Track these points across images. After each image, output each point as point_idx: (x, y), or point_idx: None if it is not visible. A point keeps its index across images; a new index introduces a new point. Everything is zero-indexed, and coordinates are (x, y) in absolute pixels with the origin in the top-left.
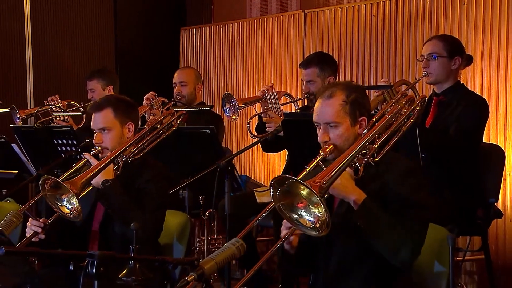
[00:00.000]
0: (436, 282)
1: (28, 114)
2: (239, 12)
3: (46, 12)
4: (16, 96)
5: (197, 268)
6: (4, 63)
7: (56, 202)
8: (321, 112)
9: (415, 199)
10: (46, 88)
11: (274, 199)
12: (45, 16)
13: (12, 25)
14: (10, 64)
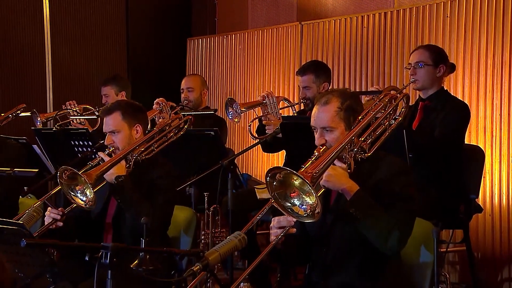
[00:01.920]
0: (422, 271)
1: (47, 118)
2: (241, 24)
3: (64, 24)
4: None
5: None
6: (26, 71)
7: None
8: (318, 118)
9: (404, 194)
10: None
11: (270, 188)
12: (63, 28)
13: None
14: (32, 72)
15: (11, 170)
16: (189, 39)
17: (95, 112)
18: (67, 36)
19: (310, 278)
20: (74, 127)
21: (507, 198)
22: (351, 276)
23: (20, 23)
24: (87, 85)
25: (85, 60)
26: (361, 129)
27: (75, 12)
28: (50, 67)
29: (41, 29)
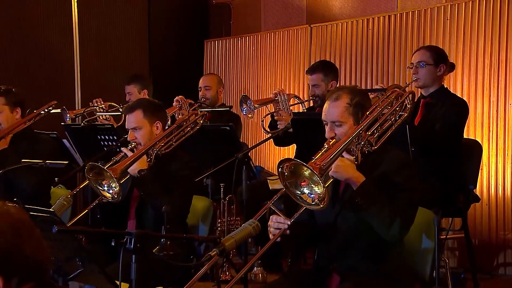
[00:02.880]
0: (423, 256)
1: (76, 114)
2: (254, 27)
3: (91, 27)
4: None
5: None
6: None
7: (98, 187)
8: (328, 112)
9: (407, 185)
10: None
11: (282, 178)
12: (90, 31)
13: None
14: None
15: (44, 162)
16: (206, 41)
17: (120, 109)
18: (94, 38)
19: (319, 262)
20: (100, 123)
21: (503, 189)
22: (356, 260)
23: (51, 26)
24: (112, 84)
25: (111, 60)
26: (369, 124)
27: (101, 16)
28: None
29: (70, 32)
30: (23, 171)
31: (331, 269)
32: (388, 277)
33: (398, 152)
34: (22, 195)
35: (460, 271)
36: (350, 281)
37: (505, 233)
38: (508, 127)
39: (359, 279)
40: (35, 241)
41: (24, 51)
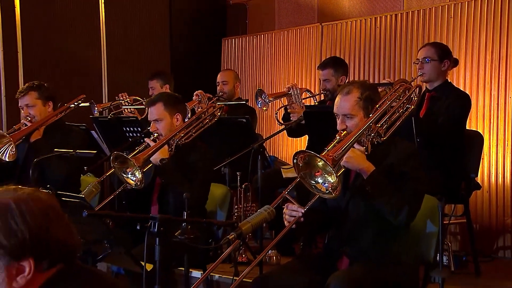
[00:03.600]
0: (428, 240)
1: (103, 107)
2: (269, 25)
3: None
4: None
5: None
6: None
7: (123, 174)
8: (340, 106)
9: (414, 174)
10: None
11: (297, 168)
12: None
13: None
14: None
15: (74, 151)
16: (224, 39)
17: (143, 103)
18: (119, 37)
19: (329, 246)
20: (126, 115)
21: (503, 177)
22: (365, 245)
23: (80, 26)
24: (136, 79)
25: (135, 58)
26: (378, 117)
27: (126, 16)
28: (105, 64)
29: (98, 31)
30: (55, 160)
31: (341, 253)
32: (394, 260)
33: (405, 143)
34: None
35: (462, 254)
36: (358, 263)
37: (504, 218)
38: (508, 119)
39: (368, 261)
40: (64, 226)
41: (55, 49)
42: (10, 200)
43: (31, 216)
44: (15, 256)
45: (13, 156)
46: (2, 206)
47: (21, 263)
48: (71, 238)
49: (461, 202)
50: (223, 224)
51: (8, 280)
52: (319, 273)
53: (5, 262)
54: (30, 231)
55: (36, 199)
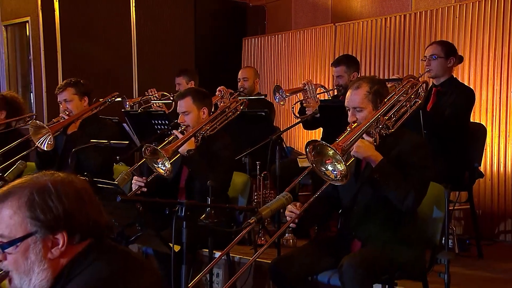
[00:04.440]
0: (434, 224)
1: (134, 102)
2: (286, 26)
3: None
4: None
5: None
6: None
7: (153, 164)
8: (350, 99)
9: (421, 164)
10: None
11: (309, 156)
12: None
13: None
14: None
15: (108, 142)
16: (244, 39)
17: (170, 98)
18: (148, 37)
19: (342, 230)
20: (154, 109)
21: (504, 166)
22: (376, 229)
23: (112, 27)
24: (164, 76)
25: (163, 56)
26: (386, 110)
27: (155, 17)
28: (135, 62)
29: (129, 32)
30: (91, 151)
31: (353, 236)
32: (403, 243)
33: (413, 134)
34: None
35: (465, 237)
36: (369, 246)
37: (505, 204)
38: (509, 112)
39: (378, 244)
40: (94, 206)
41: (90, 48)
42: (48, 181)
43: (65, 195)
44: (50, 229)
45: (51, 146)
46: (40, 186)
47: (56, 236)
48: (100, 216)
49: (465, 189)
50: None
51: (44, 251)
52: (333, 255)
53: (42, 234)
54: (63, 208)
55: (70, 181)
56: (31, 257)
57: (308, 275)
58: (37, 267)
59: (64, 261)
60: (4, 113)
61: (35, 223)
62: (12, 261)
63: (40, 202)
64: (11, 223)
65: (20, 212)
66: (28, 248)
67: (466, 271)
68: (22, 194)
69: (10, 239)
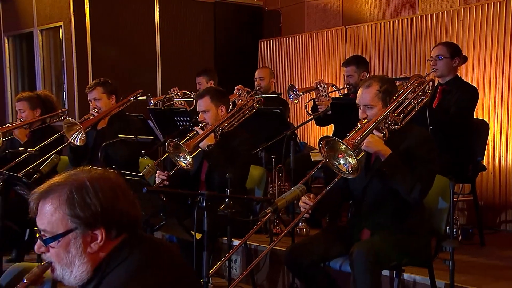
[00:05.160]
0: (440, 215)
1: (157, 100)
2: (299, 28)
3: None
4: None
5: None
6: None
7: (176, 158)
8: (361, 97)
9: (428, 157)
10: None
11: (322, 151)
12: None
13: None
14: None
15: (135, 137)
16: (261, 41)
17: (192, 96)
18: (171, 39)
19: (353, 220)
20: (177, 107)
21: (505, 160)
22: (384, 219)
23: (138, 31)
24: (185, 76)
25: (184, 57)
26: (395, 107)
27: (177, 21)
28: (159, 63)
29: (153, 35)
30: (118, 145)
31: (363, 225)
32: (410, 232)
33: (420, 129)
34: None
35: (468, 227)
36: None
37: (506, 196)
38: (510, 109)
39: (386, 233)
40: (128, 200)
41: (117, 51)
42: (86, 178)
43: (102, 192)
44: (89, 225)
45: (83, 141)
46: (79, 184)
47: (94, 232)
48: (134, 210)
49: (468, 182)
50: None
51: (84, 246)
52: (344, 243)
53: (81, 230)
54: (101, 205)
55: (107, 178)
56: (72, 251)
57: (321, 262)
58: (78, 261)
59: (102, 255)
60: (39, 110)
61: (75, 220)
62: (54, 254)
63: (79, 199)
64: (52, 220)
65: (61, 210)
66: (69, 243)
67: (469, 259)
68: (62, 192)
69: (53, 234)
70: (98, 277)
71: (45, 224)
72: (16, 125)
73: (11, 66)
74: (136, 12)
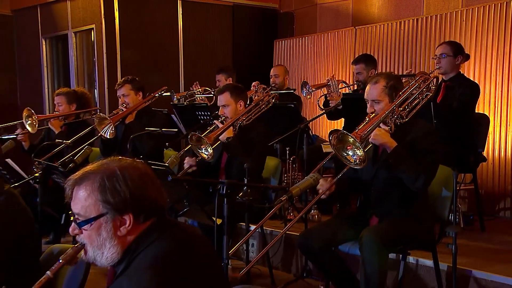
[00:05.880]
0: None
1: (180, 96)
2: (312, 29)
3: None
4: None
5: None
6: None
7: (197, 149)
8: (369, 93)
9: (431, 149)
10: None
11: (332, 143)
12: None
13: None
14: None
15: (160, 129)
16: (275, 41)
17: (212, 92)
18: (193, 40)
19: (362, 207)
20: (198, 102)
21: (505, 152)
22: (391, 206)
23: (162, 33)
24: (206, 73)
25: (205, 56)
26: (401, 102)
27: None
28: (182, 61)
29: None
30: (145, 137)
31: (372, 212)
32: (416, 219)
33: (424, 123)
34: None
35: (469, 214)
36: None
37: (505, 185)
38: (509, 104)
39: (393, 219)
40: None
41: (144, 50)
42: (116, 167)
43: (131, 180)
44: (118, 210)
45: (113, 134)
46: (110, 172)
47: (123, 217)
48: (161, 197)
49: (470, 171)
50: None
51: (114, 229)
52: (353, 228)
53: (112, 215)
54: (130, 191)
55: (135, 167)
56: (103, 234)
57: (331, 245)
58: (108, 243)
59: (131, 238)
60: (75, 105)
61: (106, 205)
62: (87, 236)
63: (110, 186)
64: (86, 204)
65: (93, 195)
66: (101, 226)
67: (470, 243)
68: (95, 179)
69: (86, 218)
70: (128, 258)
71: (79, 209)
72: (53, 116)
73: (48, 65)
74: (161, 15)
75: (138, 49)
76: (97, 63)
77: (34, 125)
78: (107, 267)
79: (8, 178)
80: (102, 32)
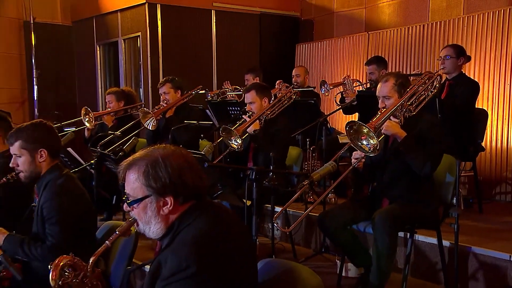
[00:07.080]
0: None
1: (214, 93)
2: (329, 34)
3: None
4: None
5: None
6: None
7: (228, 140)
8: (381, 90)
9: (436, 139)
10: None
11: (348, 133)
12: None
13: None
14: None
15: (197, 122)
16: (297, 45)
17: (241, 90)
18: (224, 45)
19: (374, 191)
20: (229, 99)
21: (501, 143)
22: (401, 190)
23: (198, 39)
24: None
25: (235, 58)
26: (409, 97)
27: (230, 30)
28: (215, 63)
29: (210, 41)
30: (183, 129)
31: (383, 196)
32: (422, 201)
33: (430, 116)
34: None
35: (469, 197)
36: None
37: (501, 172)
38: (506, 100)
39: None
40: (195, 173)
41: (182, 54)
42: (159, 155)
43: (171, 167)
44: (160, 193)
45: (154, 126)
46: (153, 159)
47: (165, 199)
48: (200, 181)
49: (470, 160)
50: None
51: (157, 209)
52: (366, 210)
53: (155, 197)
54: (169, 177)
55: (177, 154)
56: (148, 212)
57: (347, 225)
58: (153, 220)
59: (173, 217)
60: (123, 102)
61: (149, 189)
62: (136, 213)
63: (153, 172)
64: (134, 187)
65: (139, 179)
66: (146, 206)
67: (470, 223)
68: (141, 165)
69: (134, 198)
70: (172, 233)
71: (129, 190)
72: (105, 112)
73: (101, 68)
74: (197, 23)
75: (177, 53)
76: (142, 65)
77: (91, 121)
78: (154, 240)
79: (69, 164)
80: (147, 38)
